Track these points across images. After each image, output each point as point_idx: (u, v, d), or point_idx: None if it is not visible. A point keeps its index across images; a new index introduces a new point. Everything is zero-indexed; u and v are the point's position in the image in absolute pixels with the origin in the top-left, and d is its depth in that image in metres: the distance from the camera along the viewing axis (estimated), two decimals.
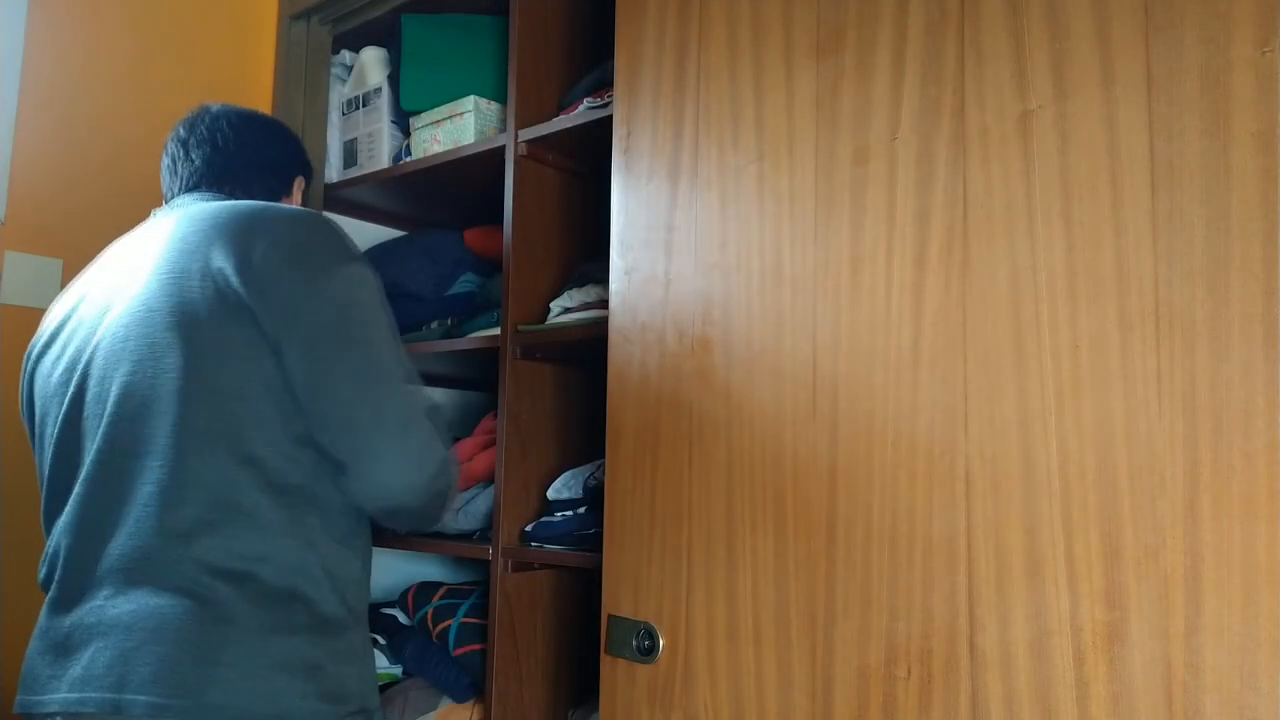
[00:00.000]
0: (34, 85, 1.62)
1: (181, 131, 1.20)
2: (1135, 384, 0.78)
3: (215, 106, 1.23)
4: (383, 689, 1.56)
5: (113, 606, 0.91)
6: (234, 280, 0.96)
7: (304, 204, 1.32)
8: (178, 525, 0.92)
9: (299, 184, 1.29)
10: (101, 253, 1.16)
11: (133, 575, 0.91)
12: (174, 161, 1.19)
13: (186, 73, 1.82)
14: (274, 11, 1.95)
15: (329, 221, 1.06)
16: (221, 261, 0.97)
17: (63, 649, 0.93)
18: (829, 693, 0.93)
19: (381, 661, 1.62)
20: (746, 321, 1.03)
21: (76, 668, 0.91)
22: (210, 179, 1.17)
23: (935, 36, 0.92)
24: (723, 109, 1.09)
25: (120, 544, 0.93)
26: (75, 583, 0.95)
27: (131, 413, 0.95)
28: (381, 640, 1.63)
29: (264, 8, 1.95)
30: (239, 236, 0.99)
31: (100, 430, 0.96)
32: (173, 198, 1.18)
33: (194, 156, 1.18)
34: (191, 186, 1.17)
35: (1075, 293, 0.82)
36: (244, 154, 1.20)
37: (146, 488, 0.93)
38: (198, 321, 0.95)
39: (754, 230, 1.04)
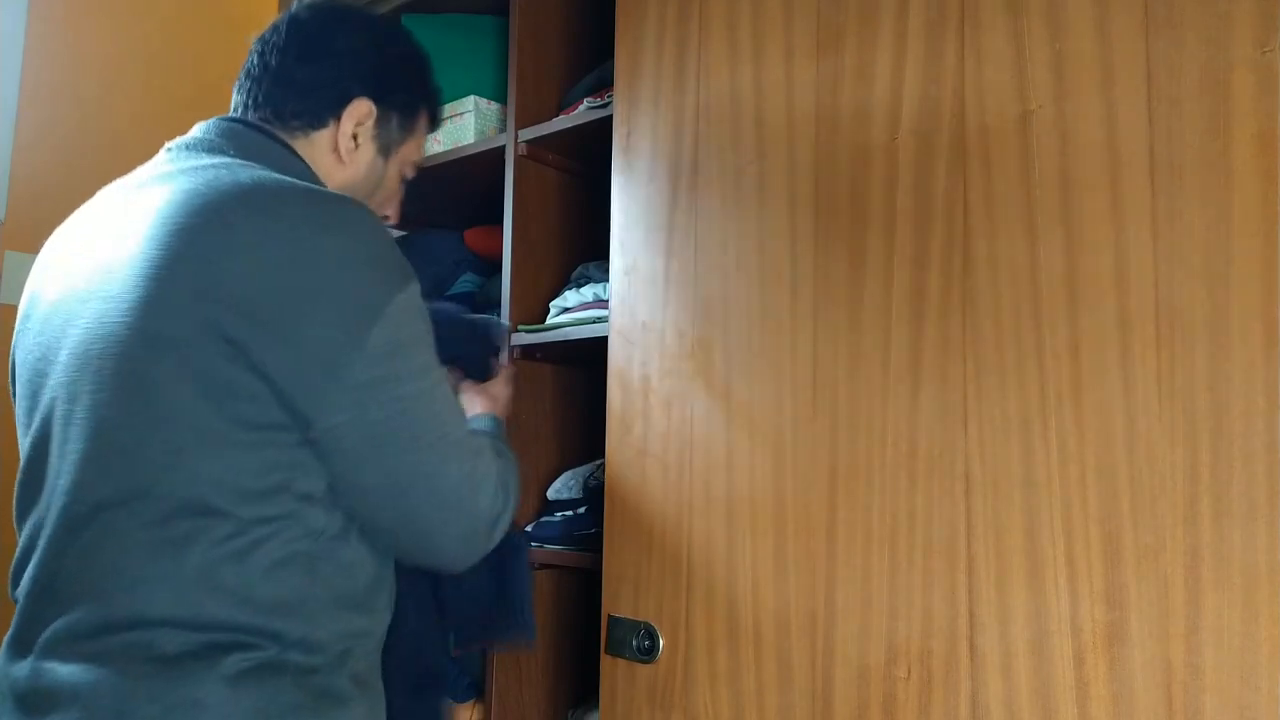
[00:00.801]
0: (34, 85, 1.62)
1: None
2: (1135, 384, 0.78)
3: (311, 2, 1.00)
4: None
5: (81, 672, 0.76)
6: (232, 314, 0.75)
7: (377, 134, 0.99)
8: (153, 592, 0.76)
9: (358, 110, 0.96)
10: (107, 188, 0.91)
11: (99, 641, 0.76)
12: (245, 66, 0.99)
13: (186, 72, 1.82)
14: (274, 12, 1.95)
15: (370, 222, 0.82)
16: (219, 282, 0.75)
17: (22, 704, 0.79)
18: (829, 693, 0.93)
19: None
20: (746, 321, 1.03)
21: None
22: (248, 96, 0.96)
23: (935, 37, 0.92)
24: (723, 109, 1.09)
25: (89, 606, 0.77)
26: (33, 630, 0.80)
27: (99, 463, 0.77)
28: None
29: (264, 8, 1.95)
30: (238, 247, 0.76)
31: (69, 476, 0.79)
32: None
33: (250, 61, 0.97)
34: (234, 107, 0.98)
35: (1075, 293, 0.82)
36: (285, 64, 0.94)
37: (118, 549, 0.77)
38: (183, 363, 0.75)
39: (754, 230, 1.04)
